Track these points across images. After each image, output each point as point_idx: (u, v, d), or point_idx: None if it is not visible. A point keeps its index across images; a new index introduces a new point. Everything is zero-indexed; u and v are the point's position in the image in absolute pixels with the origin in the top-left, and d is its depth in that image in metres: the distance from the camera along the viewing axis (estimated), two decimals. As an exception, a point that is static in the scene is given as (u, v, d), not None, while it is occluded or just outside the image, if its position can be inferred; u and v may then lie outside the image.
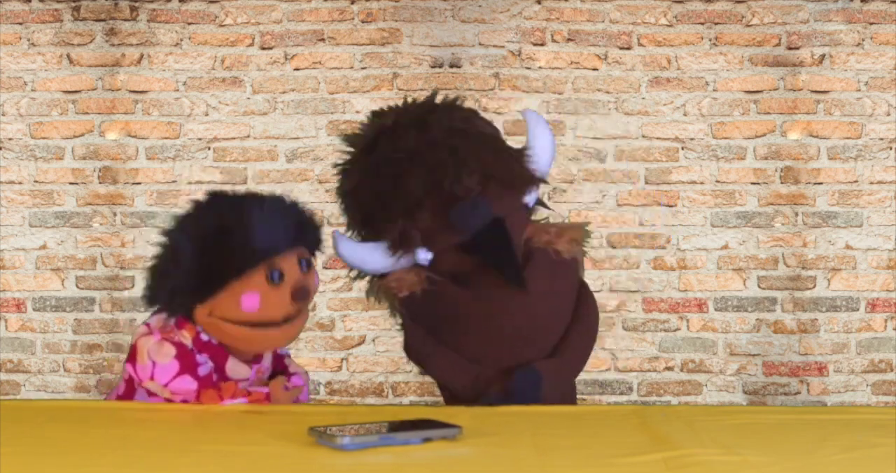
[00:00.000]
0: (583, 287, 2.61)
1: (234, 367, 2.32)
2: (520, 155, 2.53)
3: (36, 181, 4.15)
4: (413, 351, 2.53)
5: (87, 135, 4.15)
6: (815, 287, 4.14)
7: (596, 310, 2.63)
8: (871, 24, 4.14)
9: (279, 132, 4.16)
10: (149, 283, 2.30)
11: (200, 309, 2.25)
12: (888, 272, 4.13)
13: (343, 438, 1.66)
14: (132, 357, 2.24)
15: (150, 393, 2.26)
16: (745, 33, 4.16)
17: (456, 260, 2.45)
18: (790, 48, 4.15)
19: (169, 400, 2.22)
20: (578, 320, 2.56)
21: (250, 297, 2.22)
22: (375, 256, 2.46)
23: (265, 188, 4.14)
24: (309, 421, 1.78)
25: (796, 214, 4.14)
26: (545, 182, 2.56)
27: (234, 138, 4.16)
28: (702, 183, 4.15)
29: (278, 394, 2.31)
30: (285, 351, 2.50)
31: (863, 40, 4.14)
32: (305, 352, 4.15)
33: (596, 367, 4.11)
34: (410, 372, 4.15)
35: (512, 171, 2.49)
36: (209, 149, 4.16)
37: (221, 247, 2.22)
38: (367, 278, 2.57)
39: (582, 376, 2.66)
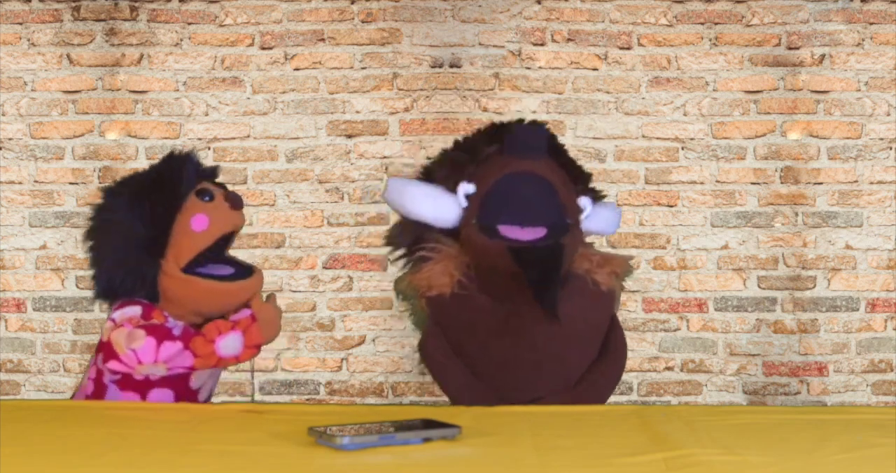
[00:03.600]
0: (614, 320, 2.55)
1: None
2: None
3: (36, 181, 4.15)
4: (427, 354, 2.50)
5: (87, 135, 4.15)
6: (815, 287, 4.14)
7: (624, 346, 2.57)
8: (871, 24, 4.14)
9: (279, 132, 4.16)
10: (104, 280, 2.40)
11: (166, 266, 2.35)
12: (888, 272, 4.13)
13: (343, 438, 1.66)
14: (110, 353, 2.28)
15: (122, 388, 2.31)
16: (745, 33, 4.16)
17: (500, 258, 2.36)
18: (790, 48, 4.15)
19: (170, 368, 2.27)
20: (605, 355, 2.50)
21: (198, 219, 2.38)
22: (421, 190, 2.46)
23: (265, 188, 4.14)
24: (309, 421, 1.79)
25: (796, 214, 4.14)
26: (592, 191, 2.57)
27: (234, 138, 4.16)
28: (702, 183, 4.15)
29: (263, 308, 2.37)
30: None
31: (863, 40, 4.14)
32: (305, 352, 4.15)
33: (596, 367, 4.10)
34: (410, 371, 4.15)
35: (574, 162, 2.52)
36: (209, 149, 4.16)
37: (154, 196, 2.39)
38: (402, 262, 2.57)
39: (582, 376, 2.65)
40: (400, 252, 2.57)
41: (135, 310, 2.33)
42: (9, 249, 4.14)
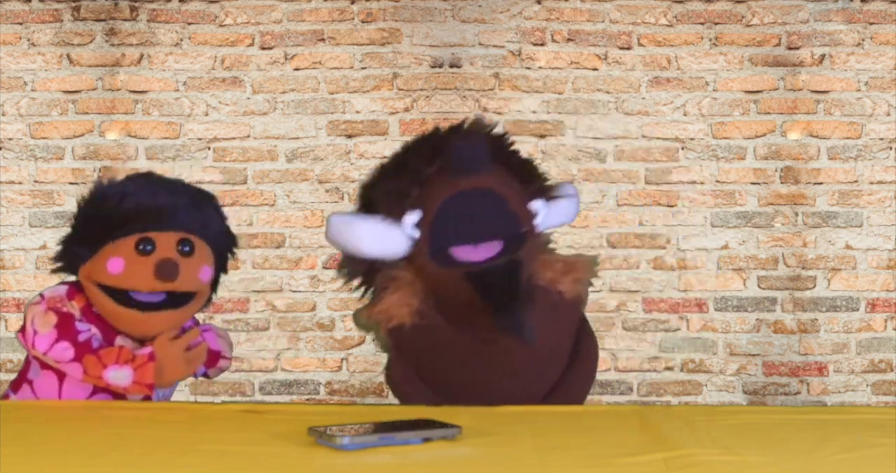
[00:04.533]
0: (583, 323, 2.51)
1: (123, 344, 2.33)
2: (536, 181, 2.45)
3: (36, 181, 4.15)
4: (394, 383, 2.47)
5: (87, 135, 4.15)
6: (815, 287, 4.14)
7: (595, 349, 2.52)
8: (871, 24, 4.14)
9: (279, 132, 4.16)
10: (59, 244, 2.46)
11: (83, 270, 2.36)
12: (888, 272, 4.12)
13: (343, 438, 1.66)
14: (23, 326, 2.33)
15: (43, 366, 2.33)
16: (745, 33, 4.16)
17: (457, 285, 2.30)
18: (790, 48, 4.15)
19: (58, 367, 2.28)
20: (575, 363, 2.45)
21: (115, 261, 2.31)
22: (366, 227, 2.34)
23: (265, 188, 4.14)
24: (309, 421, 1.78)
25: (796, 214, 4.14)
26: (549, 190, 2.45)
27: (234, 138, 4.16)
28: (702, 183, 4.15)
29: (164, 350, 2.27)
30: (207, 326, 2.49)
31: (863, 40, 4.14)
32: (305, 352, 4.15)
33: (596, 367, 4.10)
34: (410, 372, 4.15)
35: (525, 163, 2.43)
36: (209, 149, 4.16)
37: (100, 213, 2.37)
38: (359, 283, 2.48)
39: (582, 376, 2.64)
40: (356, 282, 2.49)
41: (61, 290, 2.36)
42: (9, 249, 4.14)
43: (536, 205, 2.40)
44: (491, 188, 2.33)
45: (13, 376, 3.95)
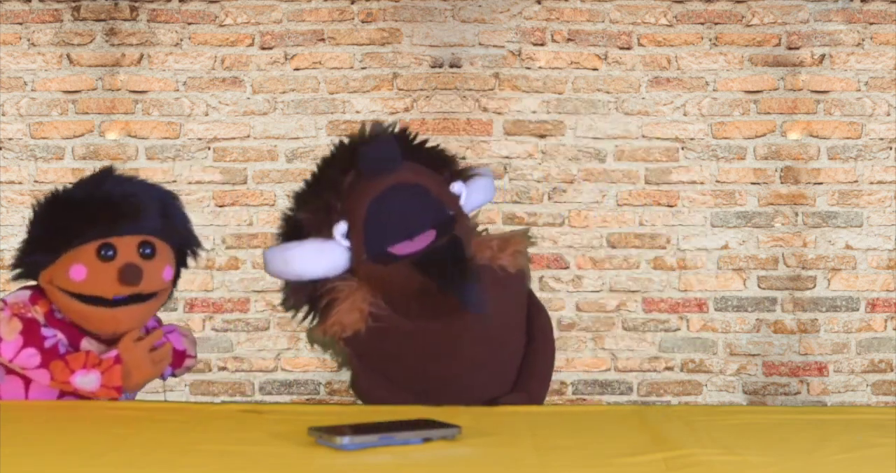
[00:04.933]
0: (531, 297, 2.54)
1: (90, 347, 2.32)
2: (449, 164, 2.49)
3: (36, 181, 4.15)
4: (364, 392, 2.45)
5: (87, 135, 4.15)
6: (815, 287, 4.14)
7: (549, 320, 2.56)
8: (871, 24, 4.14)
9: (279, 132, 4.16)
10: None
11: (44, 275, 2.34)
12: (888, 272, 4.13)
13: (343, 438, 1.67)
14: None
15: (8, 371, 2.30)
16: (745, 33, 4.16)
17: (406, 276, 2.32)
18: (790, 48, 4.15)
19: (25, 374, 2.26)
20: (534, 338, 2.48)
21: (78, 269, 2.29)
22: (302, 250, 2.36)
23: (265, 188, 4.14)
24: (309, 421, 1.79)
25: (796, 214, 4.14)
26: (463, 174, 2.49)
27: (234, 138, 4.16)
28: (702, 183, 4.15)
29: (130, 352, 2.28)
30: (171, 327, 2.49)
31: (863, 40, 4.14)
32: (305, 352, 4.15)
33: (596, 367, 4.11)
34: (410, 372, 4.15)
35: (433, 152, 2.48)
36: (209, 149, 4.16)
37: (57, 218, 2.36)
38: (308, 315, 2.47)
39: (582, 376, 2.65)
40: (303, 311, 2.48)
41: (24, 295, 2.33)
42: (9, 249, 4.13)
43: (456, 187, 2.44)
44: (410, 181, 2.37)
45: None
